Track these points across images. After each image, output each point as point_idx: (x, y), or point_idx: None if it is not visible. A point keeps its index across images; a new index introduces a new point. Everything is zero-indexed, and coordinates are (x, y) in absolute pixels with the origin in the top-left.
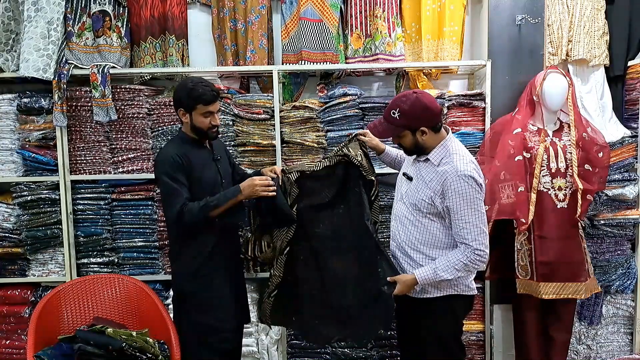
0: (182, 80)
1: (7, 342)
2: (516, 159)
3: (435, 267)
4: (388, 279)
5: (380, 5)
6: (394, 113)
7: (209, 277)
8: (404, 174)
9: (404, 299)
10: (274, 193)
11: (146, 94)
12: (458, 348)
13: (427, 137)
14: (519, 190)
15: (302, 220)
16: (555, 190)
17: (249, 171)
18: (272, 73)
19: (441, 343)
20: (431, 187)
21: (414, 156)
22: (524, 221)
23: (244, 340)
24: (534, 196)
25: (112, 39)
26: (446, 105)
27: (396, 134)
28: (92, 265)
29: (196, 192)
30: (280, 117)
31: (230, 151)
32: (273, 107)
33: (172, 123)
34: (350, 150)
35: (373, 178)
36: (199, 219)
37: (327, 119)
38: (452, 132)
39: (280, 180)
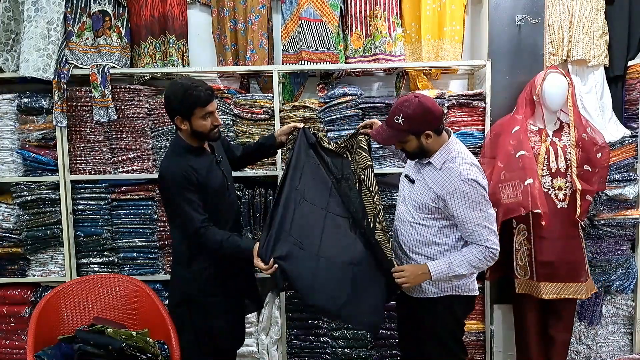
0: (171, 87)
1: (7, 342)
2: (518, 155)
3: (450, 262)
4: (394, 269)
5: (380, 5)
6: (397, 119)
7: (223, 280)
8: (405, 176)
9: (404, 299)
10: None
11: (146, 94)
12: (459, 349)
13: (432, 141)
14: (526, 184)
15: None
16: (555, 190)
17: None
18: (272, 73)
19: (441, 343)
20: (435, 190)
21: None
22: (541, 211)
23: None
24: None
25: (112, 39)
26: (446, 105)
27: (400, 140)
28: (92, 265)
29: (205, 200)
30: (280, 117)
31: None
32: (273, 107)
33: (172, 123)
34: (357, 160)
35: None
36: (213, 249)
37: (327, 119)
38: (453, 132)
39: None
